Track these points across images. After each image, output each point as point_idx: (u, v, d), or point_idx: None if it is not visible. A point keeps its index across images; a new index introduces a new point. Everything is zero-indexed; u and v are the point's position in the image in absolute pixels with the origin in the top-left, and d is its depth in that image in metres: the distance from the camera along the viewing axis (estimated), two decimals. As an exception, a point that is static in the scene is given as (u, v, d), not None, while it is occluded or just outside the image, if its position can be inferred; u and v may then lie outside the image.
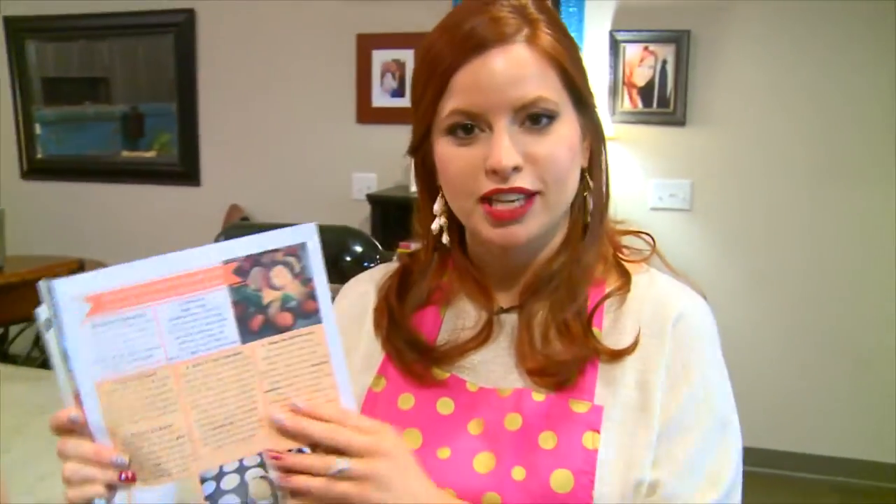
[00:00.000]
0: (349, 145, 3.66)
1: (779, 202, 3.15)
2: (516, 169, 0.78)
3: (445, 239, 0.90)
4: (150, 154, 4.05)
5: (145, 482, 0.68)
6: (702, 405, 0.80)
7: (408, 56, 3.51)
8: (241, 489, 0.69)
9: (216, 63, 3.82)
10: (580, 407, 0.80)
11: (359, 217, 3.48)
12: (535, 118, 0.79)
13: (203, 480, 0.68)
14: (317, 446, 0.69)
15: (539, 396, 0.81)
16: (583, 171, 0.86)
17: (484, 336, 0.87)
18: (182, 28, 3.82)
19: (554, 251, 0.87)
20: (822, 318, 3.16)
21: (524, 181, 0.78)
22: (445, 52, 0.79)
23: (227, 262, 0.69)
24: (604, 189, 0.88)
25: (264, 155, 3.80)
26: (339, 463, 0.68)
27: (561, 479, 0.77)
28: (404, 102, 3.54)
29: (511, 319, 0.87)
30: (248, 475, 0.69)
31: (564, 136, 0.80)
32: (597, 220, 0.87)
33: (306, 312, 0.70)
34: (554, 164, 0.79)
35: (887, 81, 2.98)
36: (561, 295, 0.84)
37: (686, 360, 0.81)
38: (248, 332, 0.69)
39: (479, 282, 0.89)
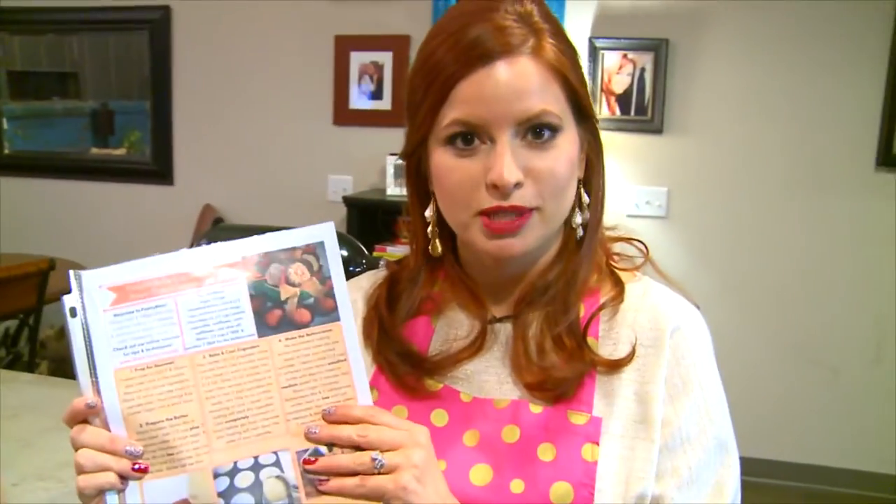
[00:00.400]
0: (325, 147, 3.63)
1: (755, 210, 3.19)
2: (517, 185, 0.76)
3: (436, 248, 0.88)
4: (120, 152, 3.99)
5: (158, 473, 0.68)
6: (703, 418, 0.80)
7: (386, 58, 3.49)
8: (256, 488, 0.68)
9: (192, 61, 3.77)
10: (579, 419, 0.79)
11: (334, 220, 3.39)
12: (537, 132, 0.78)
13: (216, 476, 0.68)
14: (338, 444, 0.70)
15: (536, 408, 0.81)
16: (578, 182, 0.85)
17: (477, 345, 0.86)
18: (157, 25, 3.76)
19: (549, 262, 0.86)
20: (796, 327, 3.20)
21: (523, 199, 0.77)
22: (447, 61, 0.77)
23: (246, 258, 0.71)
24: (600, 201, 0.87)
25: (239, 155, 3.76)
26: (375, 457, 0.68)
27: (560, 492, 0.76)
28: (382, 105, 3.56)
29: (505, 329, 0.86)
30: (263, 474, 0.68)
31: (565, 150, 0.79)
32: (592, 232, 0.86)
33: (324, 310, 0.71)
34: (553, 179, 0.78)
35: (865, 90, 3.03)
36: (556, 306, 0.84)
37: (685, 372, 0.81)
38: (265, 326, 0.70)
39: (473, 291, 0.88)
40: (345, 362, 0.71)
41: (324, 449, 0.69)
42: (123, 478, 0.67)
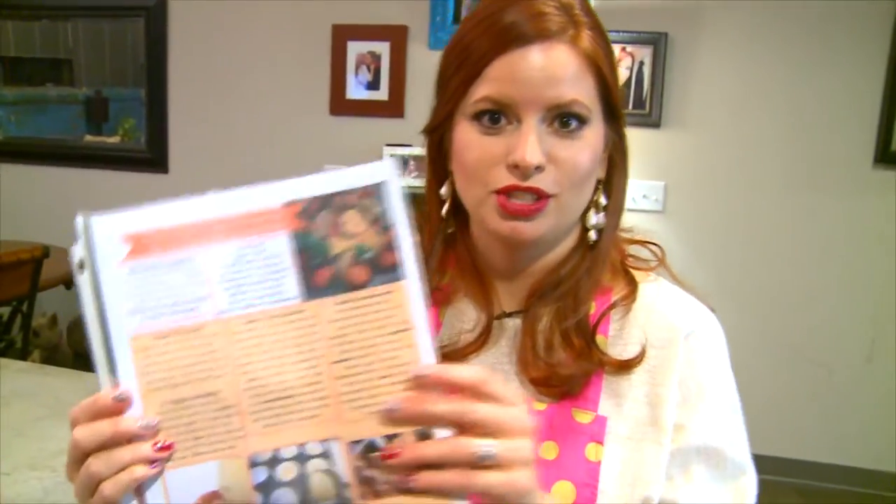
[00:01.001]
0: (322, 137, 3.61)
1: (752, 206, 3.18)
2: (538, 168, 0.75)
3: (450, 224, 0.87)
4: (114, 139, 3.97)
5: (183, 460, 0.57)
6: (718, 424, 0.79)
7: (384, 48, 3.47)
8: (300, 483, 0.57)
9: (187, 49, 3.74)
10: (583, 417, 0.78)
11: (330, 210, 3.43)
12: (565, 121, 0.76)
13: (253, 465, 0.57)
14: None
15: (540, 405, 0.79)
16: (598, 182, 0.83)
17: (482, 340, 0.84)
18: (153, 12, 3.73)
19: (562, 257, 0.84)
20: (792, 324, 3.20)
21: (543, 183, 0.76)
22: (482, 42, 0.76)
23: (288, 203, 0.57)
24: (620, 203, 0.86)
25: (235, 144, 3.73)
26: (484, 447, 0.53)
27: (562, 491, 0.75)
28: (379, 95, 3.54)
29: (514, 324, 0.85)
30: (310, 467, 0.57)
31: (590, 142, 0.78)
32: (610, 234, 0.84)
33: (385, 267, 0.57)
34: (575, 169, 0.77)
35: (864, 87, 3.03)
36: (567, 303, 0.82)
37: (701, 378, 0.79)
38: (312, 288, 0.57)
39: (483, 279, 0.86)
40: (408, 332, 0.57)
41: (381, 441, 0.56)
42: (152, 464, 0.56)
